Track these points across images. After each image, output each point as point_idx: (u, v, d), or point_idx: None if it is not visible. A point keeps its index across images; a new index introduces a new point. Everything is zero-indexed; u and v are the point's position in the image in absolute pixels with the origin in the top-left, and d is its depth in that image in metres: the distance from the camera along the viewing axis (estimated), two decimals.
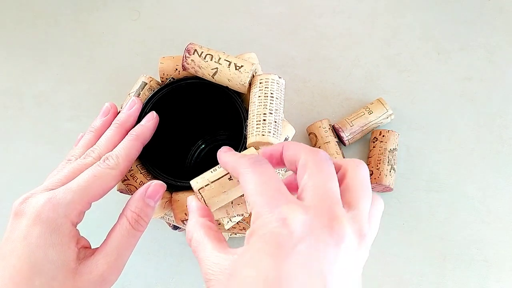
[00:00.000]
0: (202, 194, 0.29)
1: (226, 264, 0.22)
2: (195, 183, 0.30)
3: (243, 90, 0.35)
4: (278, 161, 0.26)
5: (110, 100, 0.57)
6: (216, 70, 0.34)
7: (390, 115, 0.50)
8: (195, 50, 0.34)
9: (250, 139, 0.32)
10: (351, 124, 0.49)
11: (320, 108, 0.53)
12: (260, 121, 0.32)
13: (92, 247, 0.29)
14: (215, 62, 0.34)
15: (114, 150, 0.31)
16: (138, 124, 0.34)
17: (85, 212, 0.28)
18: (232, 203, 0.32)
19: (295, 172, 0.24)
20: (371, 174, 0.47)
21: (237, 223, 0.40)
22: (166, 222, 0.43)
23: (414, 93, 0.53)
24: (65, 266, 0.26)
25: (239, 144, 0.33)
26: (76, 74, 0.59)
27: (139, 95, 0.37)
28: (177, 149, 0.42)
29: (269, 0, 0.61)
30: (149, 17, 0.62)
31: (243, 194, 0.31)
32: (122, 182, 0.34)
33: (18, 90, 0.59)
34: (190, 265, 0.48)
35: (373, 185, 0.47)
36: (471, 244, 0.46)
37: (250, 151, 0.31)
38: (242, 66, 0.34)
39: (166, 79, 0.37)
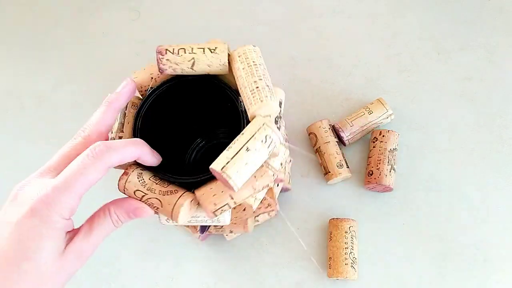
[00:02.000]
0: (227, 172, 0.29)
1: None
2: (216, 164, 0.30)
3: (224, 70, 0.35)
4: None
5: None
6: (193, 60, 0.34)
7: (390, 115, 0.49)
8: (166, 49, 0.34)
9: (251, 110, 0.32)
10: (351, 124, 0.49)
11: (320, 108, 0.53)
12: (253, 89, 0.33)
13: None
14: (189, 53, 0.34)
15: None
16: (114, 92, 0.35)
17: (77, 205, 0.30)
18: (255, 177, 0.33)
19: None
20: (371, 174, 0.47)
21: (261, 201, 0.40)
22: (192, 227, 0.43)
23: (414, 93, 0.53)
24: (56, 253, 0.28)
25: None
26: (76, 74, 0.59)
27: (125, 114, 0.37)
28: (176, 147, 0.42)
29: (269, 0, 0.61)
30: (149, 17, 0.62)
31: (262, 165, 0.32)
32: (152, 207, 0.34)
33: (18, 90, 0.59)
34: (190, 265, 0.48)
35: (373, 185, 0.47)
36: (471, 244, 0.46)
37: (256, 120, 0.31)
38: (216, 47, 0.34)
39: (145, 91, 0.37)
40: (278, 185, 0.44)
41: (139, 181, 0.34)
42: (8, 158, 0.56)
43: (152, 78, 0.37)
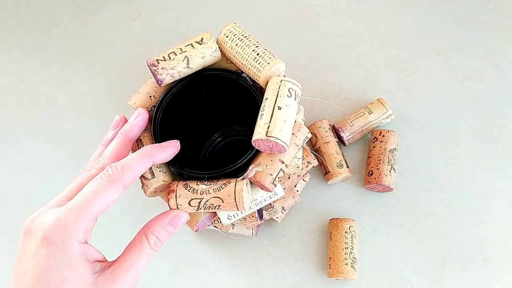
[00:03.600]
0: (273, 135, 0.30)
1: None
2: (258, 134, 0.30)
3: (218, 57, 0.36)
4: None
5: (109, 100, 0.58)
6: (186, 58, 0.35)
7: (390, 115, 0.49)
8: (157, 59, 0.35)
9: (262, 75, 0.32)
10: (351, 124, 0.49)
11: (320, 108, 0.53)
12: (255, 57, 0.33)
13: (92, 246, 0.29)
14: (180, 53, 0.35)
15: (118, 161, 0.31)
16: (127, 123, 0.35)
17: (92, 228, 0.28)
18: (294, 134, 0.34)
19: None
20: (371, 174, 0.47)
21: (302, 160, 0.40)
22: (189, 222, 0.43)
23: (414, 93, 0.53)
24: (82, 282, 0.26)
25: None
26: (76, 74, 0.59)
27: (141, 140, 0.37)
28: (193, 142, 0.42)
29: (269, 0, 0.61)
30: (149, 17, 0.62)
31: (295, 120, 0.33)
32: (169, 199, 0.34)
33: (18, 90, 0.59)
34: (190, 265, 0.48)
35: (373, 185, 0.47)
36: (471, 244, 0.46)
37: (272, 81, 0.31)
38: (201, 38, 0.35)
39: (150, 111, 0.37)
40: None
41: (188, 191, 0.34)
42: (8, 158, 0.56)
43: (150, 97, 0.37)
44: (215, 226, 0.45)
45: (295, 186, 0.45)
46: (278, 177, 0.34)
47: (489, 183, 0.48)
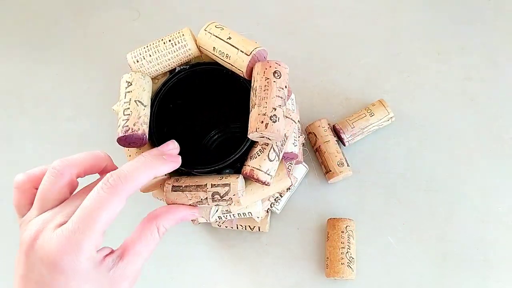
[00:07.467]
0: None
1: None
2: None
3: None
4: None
5: (109, 100, 0.58)
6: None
7: (391, 117, 0.49)
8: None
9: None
10: (352, 126, 0.49)
11: (320, 108, 0.53)
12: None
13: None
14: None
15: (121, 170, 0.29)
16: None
17: (101, 241, 0.27)
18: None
19: None
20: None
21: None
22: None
23: (414, 93, 0.53)
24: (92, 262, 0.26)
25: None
26: (76, 74, 0.59)
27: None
28: (190, 140, 0.43)
29: (269, 0, 0.61)
30: (149, 17, 0.62)
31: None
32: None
33: (18, 90, 0.59)
34: (190, 265, 0.48)
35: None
36: (471, 244, 0.46)
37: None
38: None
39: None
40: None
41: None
42: (8, 158, 0.56)
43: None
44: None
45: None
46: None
47: (489, 183, 0.48)
